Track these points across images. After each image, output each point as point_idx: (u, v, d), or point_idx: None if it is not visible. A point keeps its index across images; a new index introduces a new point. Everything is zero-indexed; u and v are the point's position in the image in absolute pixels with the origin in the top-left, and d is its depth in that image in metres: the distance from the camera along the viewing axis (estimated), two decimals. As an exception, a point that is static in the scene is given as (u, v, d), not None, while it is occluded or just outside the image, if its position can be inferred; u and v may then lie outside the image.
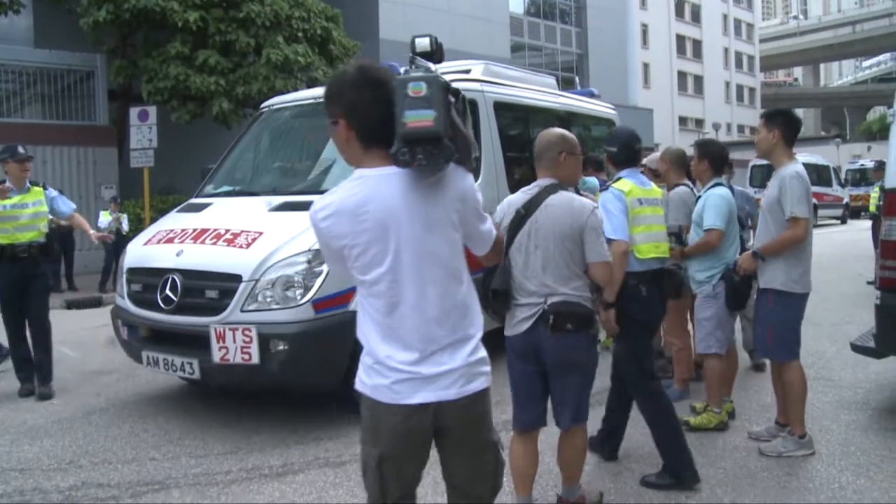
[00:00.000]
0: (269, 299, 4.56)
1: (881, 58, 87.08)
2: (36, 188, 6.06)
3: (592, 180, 6.56)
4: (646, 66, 48.21)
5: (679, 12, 54.40)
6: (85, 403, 5.73)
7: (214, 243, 4.86)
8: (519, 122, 7.17)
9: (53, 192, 6.23)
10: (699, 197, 4.89)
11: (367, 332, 2.14)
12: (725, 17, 59.86)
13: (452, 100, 2.08)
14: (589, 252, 3.27)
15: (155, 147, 13.95)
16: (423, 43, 2.24)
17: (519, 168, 6.79)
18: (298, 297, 4.56)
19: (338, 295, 4.65)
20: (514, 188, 6.36)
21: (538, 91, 7.40)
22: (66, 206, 6.33)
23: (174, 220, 5.58)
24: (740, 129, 60.18)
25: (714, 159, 4.90)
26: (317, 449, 4.57)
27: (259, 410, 5.23)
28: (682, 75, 55.01)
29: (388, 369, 2.08)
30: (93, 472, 4.30)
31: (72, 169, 16.22)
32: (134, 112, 14.39)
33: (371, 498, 2.21)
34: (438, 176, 2.07)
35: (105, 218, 14.09)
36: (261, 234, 4.79)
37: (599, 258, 3.29)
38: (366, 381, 2.14)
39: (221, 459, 4.45)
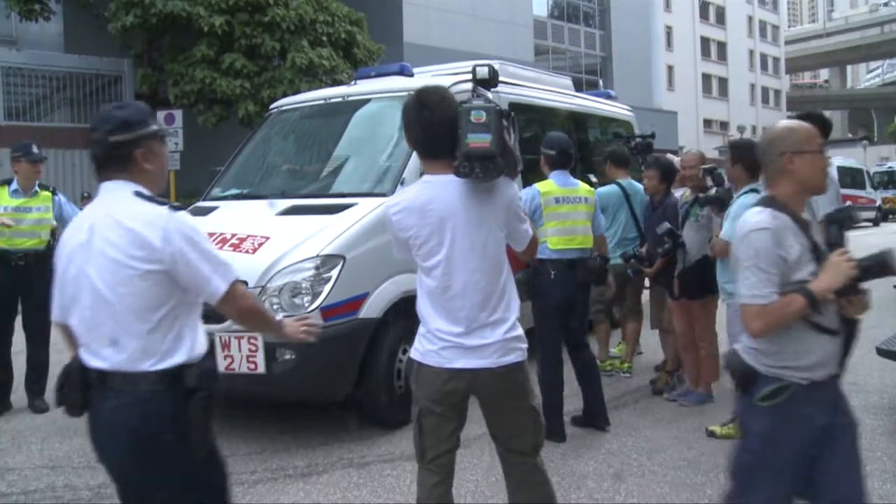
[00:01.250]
0: (275, 306, 4.36)
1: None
2: (45, 192, 5.65)
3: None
4: (670, 68, 47.83)
5: (703, 14, 53.86)
6: None
7: (220, 248, 4.61)
8: (535, 123, 6.99)
9: (62, 198, 5.82)
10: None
11: (423, 307, 2.63)
12: (750, 18, 59.15)
13: (505, 123, 2.54)
14: None
15: (181, 150, 14.05)
16: (482, 71, 2.82)
17: (534, 171, 6.70)
18: (306, 305, 4.37)
19: (347, 302, 4.49)
20: (527, 186, 6.29)
21: (554, 92, 7.21)
22: (74, 212, 5.78)
23: None
24: (766, 131, 59.55)
25: (750, 162, 4.52)
26: (340, 450, 4.56)
27: (283, 411, 5.16)
28: (706, 78, 54.48)
29: (437, 338, 2.56)
30: None
31: (99, 172, 16.31)
32: (160, 115, 14.50)
33: (416, 451, 2.70)
34: (490, 184, 2.54)
35: None
36: (267, 238, 4.62)
37: None
38: (419, 347, 2.63)
39: (246, 460, 4.45)
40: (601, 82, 34.00)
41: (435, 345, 2.57)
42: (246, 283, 4.38)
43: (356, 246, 4.58)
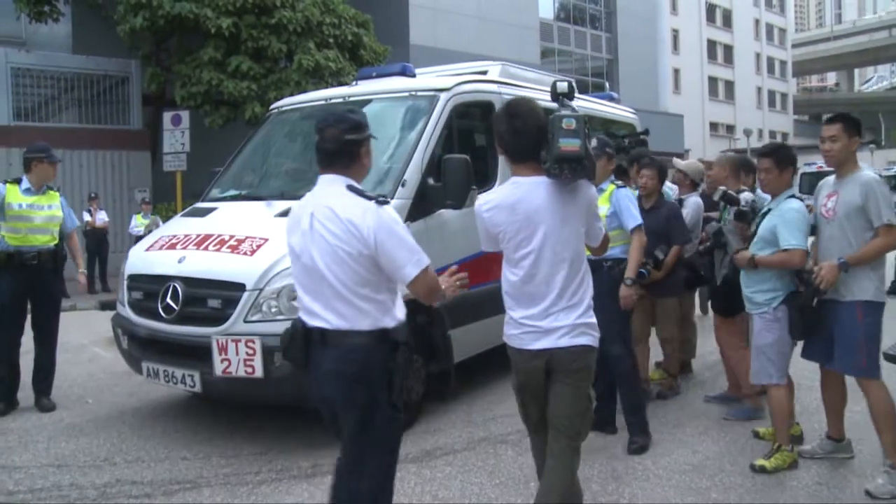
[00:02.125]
0: (273, 309, 4.30)
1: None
2: (52, 192, 5.77)
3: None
4: (676, 71, 47.70)
5: (710, 17, 53.65)
6: (118, 403, 5.78)
7: (218, 250, 4.59)
8: None
9: (63, 200, 5.90)
10: (766, 210, 4.29)
11: (506, 297, 2.94)
12: (757, 21, 58.94)
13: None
14: None
15: (188, 151, 14.02)
16: (562, 86, 3.08)
17: None
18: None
19: None
20: None
21: None
22: (72, 221, 5.96)
23: (178, 225, 5.31)
24: (772, 134, 59.15)
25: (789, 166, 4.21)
26: None
27: (288, 413, 5.10)
28: (712, 81, 54.31)
29: (518, 324, 2.89)
30: (127, 470, 4.36)
31: (106, 172, 16.41)
32: (167, 116, 14.52)
33: (521, 417, 3.10)
34: (573, 185, 2.83)
35: (138, 222, 14.26)
36: (266, 240, 4.53)
37: None
38: (507, 331, 2.96)
39: (251, 460, 4.46)
40: (607, 85, 33.89)
41: (517, 329, 2.89)
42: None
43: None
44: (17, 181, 5.64)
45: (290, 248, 2.77)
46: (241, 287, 4.36)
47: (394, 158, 5.09)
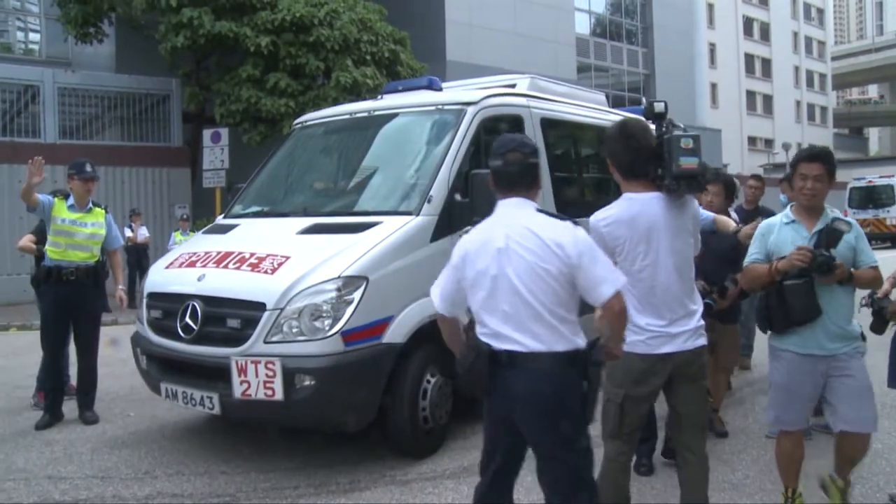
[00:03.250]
0: (294, 330, 4.11)
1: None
2: (98, 209, 5.80)
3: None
4: (713, 85, 46.92)
5: (748, 31, 52.78)
6: (158, 417, 5.79)
7: (238, 268, 4.42)
8: (567, 139, 6.64)
9: (111, 218, 5.96)
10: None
11: (630, 305, 2.88)
12: (796, 34, 57.80)
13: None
14: None
15: (227, 168, 14.06)
16: (659, 106, 3.22)
17: (567, 189, 6.28)
18: (327, 328, 4.09)
19: (370, 326, 4.20)
20: (562, 210, 5.75)
21: (587, 108, 6.84)
22: (118, 240, 6.05)
23: (199, 243, 5.17)
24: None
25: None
26: (382, 467, 4.46)
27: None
28: (750, 95, 53.32)
29: (643, 330, 3.00)
30: (167, 483, 4.37)
31: (147, 189, 16.54)
32: (207, 134, 14.58)
33: (608, 428, 3.13)
34: (682, 200, 3.04)
35: (177, 239, 14.28)
36: (287, 258, 4.34)
37: None
38: (628, 339, 2.89)
39: (290, 475, 4.41)
40: (644, 100, 33.37)
41: (641, 335, 2.99)
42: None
43: (380, 267, 4.30)
44: (65, 196, 5.69)
45: (476, 273, 2.68)
46: (261, 307, 4.18)
47: (420, 174, 4.89)
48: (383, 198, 4.95)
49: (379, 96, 6.05)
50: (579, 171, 6.89)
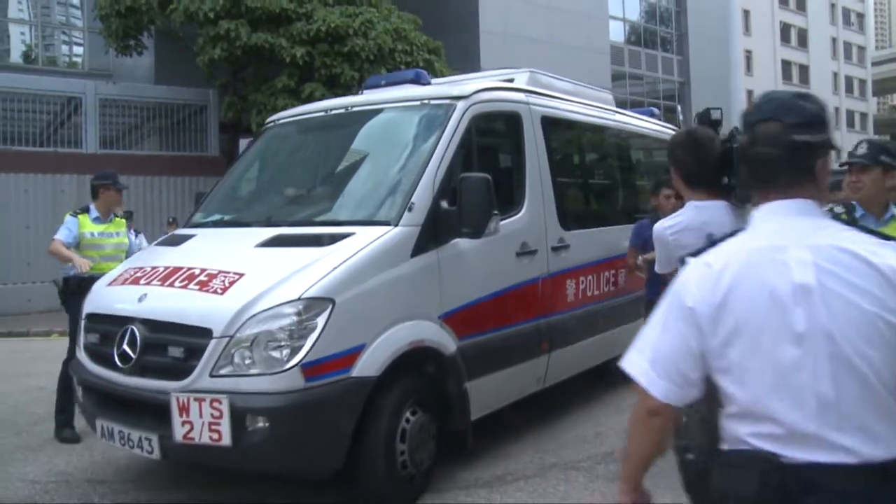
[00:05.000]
0: (247, 361, 3.33)
1: None
2: (118, 219, 5.61)
3: None
4: (750, 93, 45.02)
5: (784, 37, 50.60)
6: None
7: (185, 286, 3.61)
8: (571, 141, 5.77)
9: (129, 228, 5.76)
10: None
11: None
12: (835, 40, 55.23)
13: None
14: None
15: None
16: (716, 113, 3.13)
17: (571, 195, 5.46)
18: (284, 360, 3.30)
19: (337, 357, 3.38)
20: (564, 220, 4.80)
21: (594, 107, 5.96)
22: (137, 247, 5.87)
23: (148, 256, 4.39)
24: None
25: None
26: None
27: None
28: (788, 101, 51.22)
29: None
30: (201, 492, 4.12)
31: (184, 198, 16.06)
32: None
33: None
34: (743, 209, 2.83)
35: None
36: (241, 276, 3.54)
37: None
38: None
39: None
40: (679, 108, 32.22)
41: None
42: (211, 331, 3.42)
43: (350, 286, 3.49)
44: (86, 210, 5.46)
45: (753, 330, 1.48)
46: (206, 333, 3.39)
47: (401, 178, 4.06)
48: (357, 205, 4.12)
49: (360, 91, 5.21)
50: (585, 177, 6.02)
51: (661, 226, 2.93)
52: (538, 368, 4.72)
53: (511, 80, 5.17)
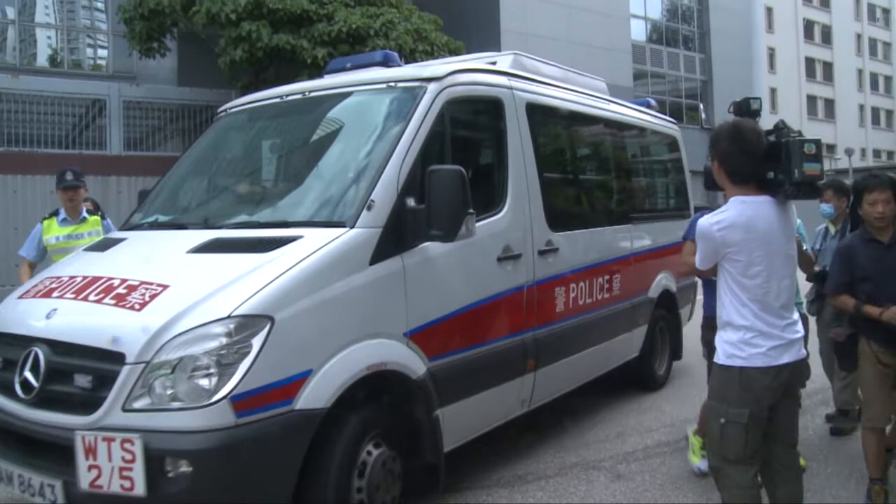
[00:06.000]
0: (166, 393, 2.64)
1: None
2: (93, 217, 5.18)
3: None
4: (773, 90, 43.41)
5: (808, 34, 48.64)
6: None
7: (99, 300, 2.93)
8: (560, 131, 4.98)
9: (110, 222, 5.28)
10: None
11: (743, 314, 2.67)
12: (859, 36, 52.92)
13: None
14: None
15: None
16: (755, 103, 2.99)
17: (560, 192, 4.71)
18: (211, 391, 2.62)
19: (276, 386, 2.70)
20: (553, 220, 3.97)
21: (586, 95, 5.17)
22: None
23: (71, 263, 3.66)
24: (876, 153, 53.08)
25: None
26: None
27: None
28: (811, 99, 49.15)
29: (764, 338, 2.65)
30: None
31: (207, 197, 15.73)
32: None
33: (730, 453, 2.70)
34: (787, 205, 2.79)
35: None
36: (165, 288, 2.86)
37: None
38: (739, 354, 2.67)
39: None
40: (701, 106, 31.15)
41: (761, 347, 2.64)
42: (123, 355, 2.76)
43: (293, 301, 2.80)
44: (55, 213, 5.12)
45: None
46: (118, 358, 2.71)
47: (360, 171, 3.33)
48: (308, 204, 3.38)
49: (322, 76, 4.47)
50: (576, 172, 5.23)
51: (707, 221, 2.70)
52: (523, 389, 4.00)
53: (494, 63, 4.40)
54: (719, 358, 2.73)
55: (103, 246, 3.66)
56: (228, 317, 2.68)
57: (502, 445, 4.26)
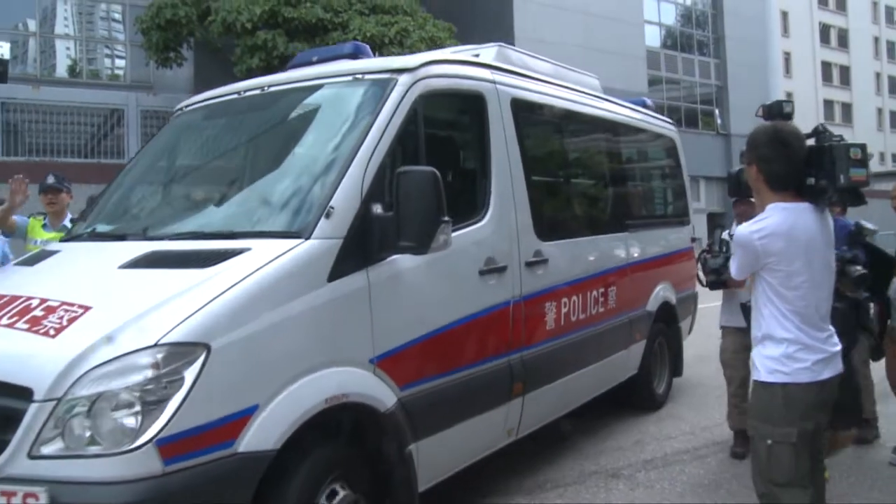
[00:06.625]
0: (81, 435, 2.16)
1: None
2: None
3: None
4: (789, 95, 42.28)
5: (824, 38, 47.36)
6: None
7: (11, 324, 2.44)
8: (549, 132, 4.48)
9: None
10: None
11: (784, 327, 2.44)
12: (877, 39, 51.45)
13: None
14: None
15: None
16: (788, 107, 2.67)
17: (549, 197, 4.23)
18: (134, 434, 2.14)
19: (213, 427, 2.22)
20: (542, 228, 3.38)
21: (577, 92, 4.64)
22: None
23: None
24: (895, 157, 51.65)
25: None
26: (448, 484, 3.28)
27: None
28: (828, 104, 47.80)
29: (808, 352, 2.43)
30: None
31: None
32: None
33: (781, 476, 2.43)
34: (825, 212, 2.58)
35: None
36: (87, 310, 2.39)
37: None
38: (782, 369, 2.43)
39: None
40: (717, 112, 30.37)
41: (805, 361, 2.43)
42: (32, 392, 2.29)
43: (235, 325, 2.32)
44: (44, 215, 4.85)
45: None
46: (25, 393, 2.23)
47: (318, 174, 2.84)
48: (260, 211, 2.90)
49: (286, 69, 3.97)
50: (567, 175, 4.70)
51: (747, 230, 2.49)
52: (510, 416, 3.50)
53: (477, 57, 3.87)
54: (759, 375, 2.50)
55: (34, 259, 3.17)
56: (156, 345, 2.20)
57: (521, 453, 4.06)
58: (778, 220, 2.44)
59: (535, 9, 21.81)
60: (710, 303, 5.45)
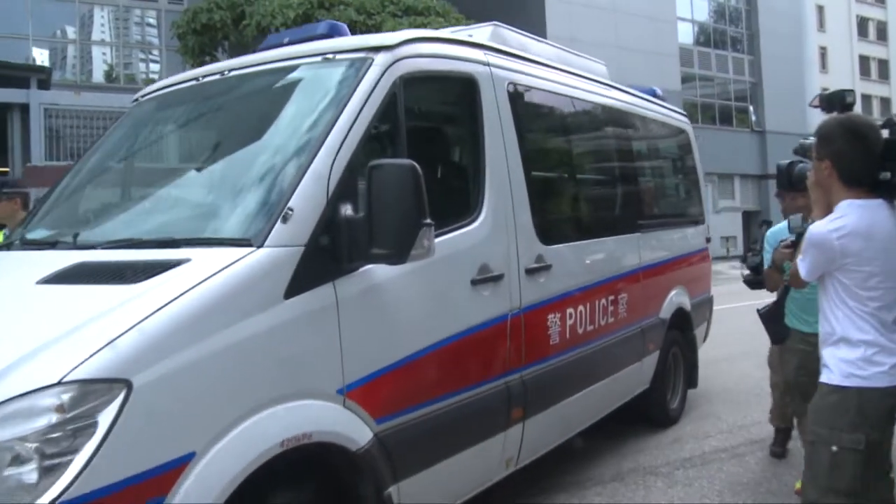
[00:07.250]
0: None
1: None
2: None
3: None
4: (825, 90, 40.56)
5: (862, 32, 45.23)
6: None
7: None
8: (550, 122, 3.93)
9: None
10: None
11: (861, 329, 2.24)
12: (917, 32, 49.12)
13: None
14: None
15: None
16: (850, 96, 2.42)
17: (552, 196, 3.71)
18: (34, 492, 1.65)
19: (134, 483, 1.74)
20: (544, 230, 2.82)
21: (580, 78, 4.08)
22: None
23: None
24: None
25: None
26: None
27: None
28: (866, 98, 45.57)
29: (886, 355, 2.22)
30: None
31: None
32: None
33: (842, 484, 2.23)
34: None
35: None
36: None
37: None
38: (859, 373, 2.23)
39: None
40: (751, 108, 29.22)
41: (883, 365, 2.22)
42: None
43: (165, 354, 1.83)
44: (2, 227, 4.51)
45: None
46: None
47: (276, 170, 2.32)
48: (205, 214, 2.40)
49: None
50: (572, 171, 4.12)
51: (824, 228, 2.26)
52: (508, 445, 2.95)
53: (470, 37, 3.30)
54: (832, 378, 2.29)
55: None
56: (60, 382, 1.72)
57: (559, 449, 3.83)
58: (856, 218, 2.23)
59: (568, 8, 21.21)
60: (748, 301, 4.94)
